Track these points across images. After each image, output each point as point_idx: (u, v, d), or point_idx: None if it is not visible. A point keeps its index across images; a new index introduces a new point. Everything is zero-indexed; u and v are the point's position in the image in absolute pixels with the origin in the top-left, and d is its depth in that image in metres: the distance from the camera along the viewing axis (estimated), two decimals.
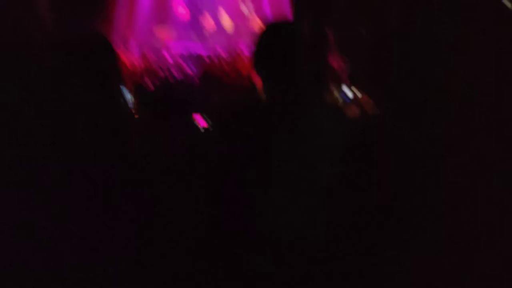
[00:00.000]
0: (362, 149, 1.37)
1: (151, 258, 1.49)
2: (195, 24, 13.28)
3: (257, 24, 13.24)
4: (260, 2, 13.20)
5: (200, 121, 3.24)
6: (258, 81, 1.38)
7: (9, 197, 1.38)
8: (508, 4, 3.33)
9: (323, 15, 8.28)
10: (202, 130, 3.04)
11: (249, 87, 6.91)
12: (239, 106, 1.67)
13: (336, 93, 5.79)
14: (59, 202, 1.41)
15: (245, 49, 11.46)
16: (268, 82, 1.40)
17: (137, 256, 1.48)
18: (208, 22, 13.27)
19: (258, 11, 13.31)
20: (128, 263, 1.45)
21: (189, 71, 8.30)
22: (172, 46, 11.73)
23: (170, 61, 9.72)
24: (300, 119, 1.38)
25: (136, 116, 3.04)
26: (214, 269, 1.38)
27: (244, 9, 13.48)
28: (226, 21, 13.43)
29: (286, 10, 11.80)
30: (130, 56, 10.05)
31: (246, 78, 7.44)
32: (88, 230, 1.42)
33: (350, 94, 5.66)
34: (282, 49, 1.36)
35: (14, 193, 1.39)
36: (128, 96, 3.16)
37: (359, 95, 5.51)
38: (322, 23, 8.29)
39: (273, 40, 1.40)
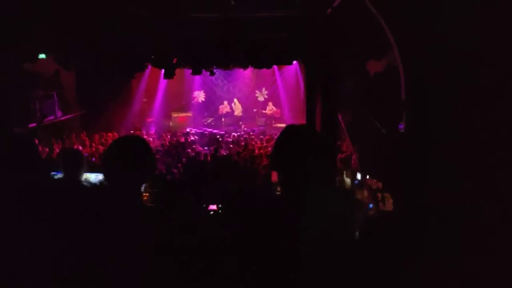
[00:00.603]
0: (370, 240, 1.38)
1: None
2: (211, 109, 13.88)
3: (270, 109, 13.76)
4: (276, 88, 13.81)
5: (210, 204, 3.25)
6: (274, 175, 1.44)
7: None
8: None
9: (336, 101, 8.56)
10: (211, 213, 3.03)
11: (259, 169, 7.00)
12: (250, 190, 1.71)
13: (347, 181, 5.81)
14: None
15: (257, 131, 11.82)
16: (285, 177, 1.47)
17: None
18: (223, 107, 13.86)
19: (273, 97, 13.90)
20: None
21: (202, 150, 8.45)
22: (188, 128, 12.17)
23: (184, 140, 9.97)
24: (312, 210, 1.41)
25: (146, 198, 3.09)
26: None
27: (259, 95, 14.10)
28: (240, 106, 14.02)
29: (300, 96, 12.29)
30: (147, 136, 10.38)
31: (257, 160, 7.56)
32: None
33: (361, 181, 5.68)
34: (299, 151, 1.45)
35: None
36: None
37: (369, 181, 5.52)
38: (335, 109, 8.55)
39: (290, 143, 1.49)
